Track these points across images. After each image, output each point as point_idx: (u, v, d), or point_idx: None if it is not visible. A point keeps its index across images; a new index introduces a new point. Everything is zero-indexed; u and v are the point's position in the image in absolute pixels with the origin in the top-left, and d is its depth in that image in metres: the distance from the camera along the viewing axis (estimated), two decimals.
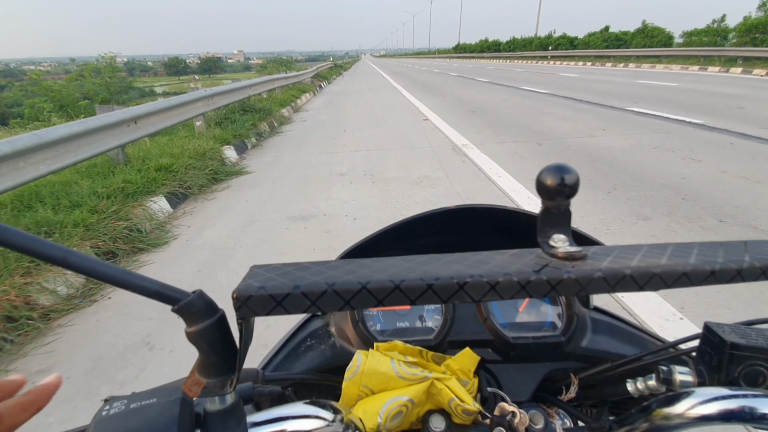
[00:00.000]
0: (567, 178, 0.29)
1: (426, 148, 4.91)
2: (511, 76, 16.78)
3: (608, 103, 7.69)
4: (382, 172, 4.04)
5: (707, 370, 0.31)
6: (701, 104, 7.17)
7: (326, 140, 5.68)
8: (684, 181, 3.41)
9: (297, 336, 0.52)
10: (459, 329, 0.51)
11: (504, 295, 0.26)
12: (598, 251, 0.30)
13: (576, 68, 21.98)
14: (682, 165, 3.80)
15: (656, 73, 15.58)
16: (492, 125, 6.15)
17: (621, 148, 4.47)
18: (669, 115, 6.12)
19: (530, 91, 10.59)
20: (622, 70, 18.16)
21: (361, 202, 3.31)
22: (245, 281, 0.26)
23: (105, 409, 0.25)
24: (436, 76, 18.78)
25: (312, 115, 8.36)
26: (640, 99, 8.08)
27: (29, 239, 0.21)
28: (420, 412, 0.40)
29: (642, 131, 5.25)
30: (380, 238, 0.54)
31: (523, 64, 30.98)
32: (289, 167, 4.45)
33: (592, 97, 8.73)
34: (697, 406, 0.28)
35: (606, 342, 0.50)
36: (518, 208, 0.54)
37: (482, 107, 8.03)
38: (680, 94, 8.71)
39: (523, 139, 5.16)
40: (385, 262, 0.29)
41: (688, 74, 14.41)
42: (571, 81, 13.16)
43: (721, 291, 1.89)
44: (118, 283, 0.23)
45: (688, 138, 4.81)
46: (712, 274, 0.27)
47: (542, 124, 6.02)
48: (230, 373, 0.26)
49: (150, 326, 1.88)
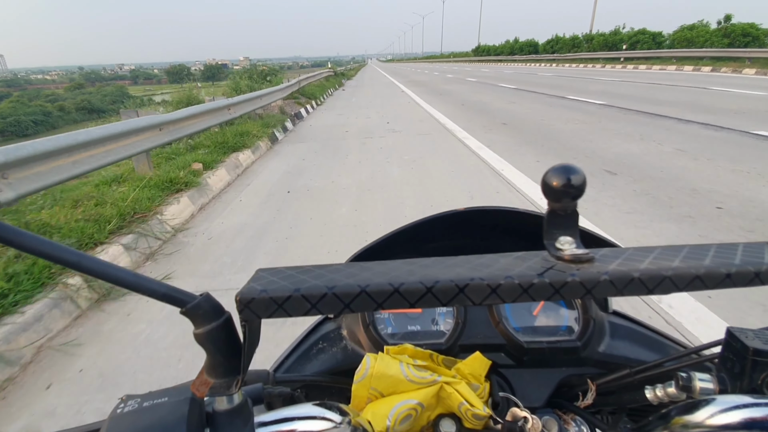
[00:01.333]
0: (573, 179, 0.28)
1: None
2: (646, 94, 9.97)
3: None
4: None
5: (729, 377, 0.31)
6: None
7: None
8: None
9: (309, 339, 0.52)
10: (471, 333, 0.50)
11: (506, 298, 0.26)
12: (607, 253, 0.29)
13: (679, 74, 15.87)
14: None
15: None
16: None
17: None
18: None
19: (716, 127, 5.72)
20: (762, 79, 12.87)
21: None
22: (249, 284, 0.26)
23: (120, 407, 0.26)
24: (492, 91, 12.67)
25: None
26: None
27: (45, 244, 0.22)
28: (430, 416, 0.40)
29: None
30: (390, 241, 0.53)
31: (572, 68, 25.58)
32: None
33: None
34: (717, 414, 0.27)
35: (625, 347, 0.48)
36: (527, 210, 0.53)
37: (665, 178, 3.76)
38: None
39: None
40: (388, 265, 0.29)
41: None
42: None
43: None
44: (128, 286, 0.24)
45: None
46: (728, 276, 0.26)
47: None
48: (236, 374, 0.27)
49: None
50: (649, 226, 2.74)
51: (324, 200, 3.57)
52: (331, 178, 4.21)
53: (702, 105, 7.65)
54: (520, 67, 31.70)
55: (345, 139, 6.28)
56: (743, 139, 4.96)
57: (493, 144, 5.31)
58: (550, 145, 5.16)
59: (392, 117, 8.35)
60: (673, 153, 4.48)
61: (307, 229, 2.99)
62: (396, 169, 4.43)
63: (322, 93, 13.82)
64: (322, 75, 19.30)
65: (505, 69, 29.96)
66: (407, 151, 5.24)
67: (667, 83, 12.53)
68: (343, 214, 3.23)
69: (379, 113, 9.04)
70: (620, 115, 7.15)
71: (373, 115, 8.75)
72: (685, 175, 3.71)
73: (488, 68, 33.02)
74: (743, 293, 1.89)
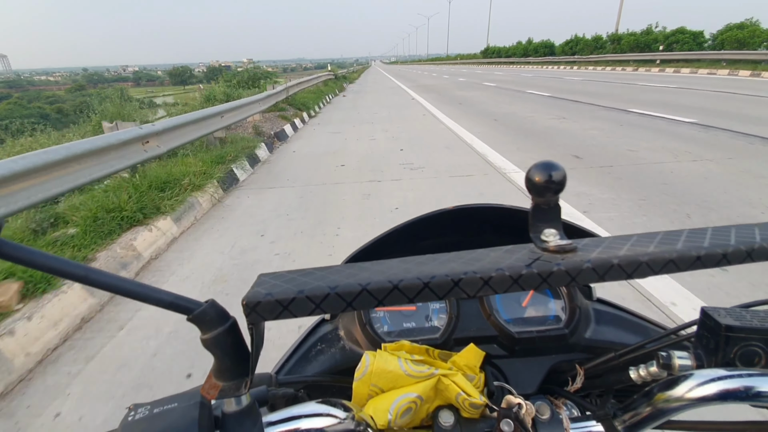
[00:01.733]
0: (554, 175, 0.30)
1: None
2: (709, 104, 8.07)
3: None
4: None
5: (705, 353, 0.32)
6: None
7: None
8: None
9: (307, 341, 0.52)
10: (464, 327, 0.51)
11: (497, 289, 0.28)
12: (589, 243, 0.31)
13: (744, 81, 13.28)
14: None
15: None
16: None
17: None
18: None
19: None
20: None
21: None
22: (253, 289, 0.27)
23: (131, 415, 0.27)
24: (522, 100, 10.13)
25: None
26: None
27: (52, 259, 0.23)
28: (429, 408, 0.41)
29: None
30: (384, 241, 0.54)
31: (598, 71, 22.81)
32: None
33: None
34: (695, 388, 0.29)
35: (609, 332, 0.50)
36: (513, 206, 0.54)
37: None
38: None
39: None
40: (385, 264, 0.30)
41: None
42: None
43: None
44: (135, 297, 0.25)
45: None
46: (698, 259, 0.28)
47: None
48: (244, 376, 0.28)
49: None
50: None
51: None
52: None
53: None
54: (538, 70, 28.40)
55: (338, 184, 3.97)
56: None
57: (598, 214, 2.92)
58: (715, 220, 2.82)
59: (406, 139, 5.91)
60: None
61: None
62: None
63: (317, 101, 11.22)
64: (320, 79, 16.24)
65: (521, 72, 26.62)
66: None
67: (747, 92, 9.69)
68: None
69: (387, 132, 6.59)
70: (751, 146, 4.65)
71: (379, 136, 6.27)
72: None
73: (501, 71, 29.60)
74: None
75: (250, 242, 2.79)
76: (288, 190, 3.90)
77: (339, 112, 9.95)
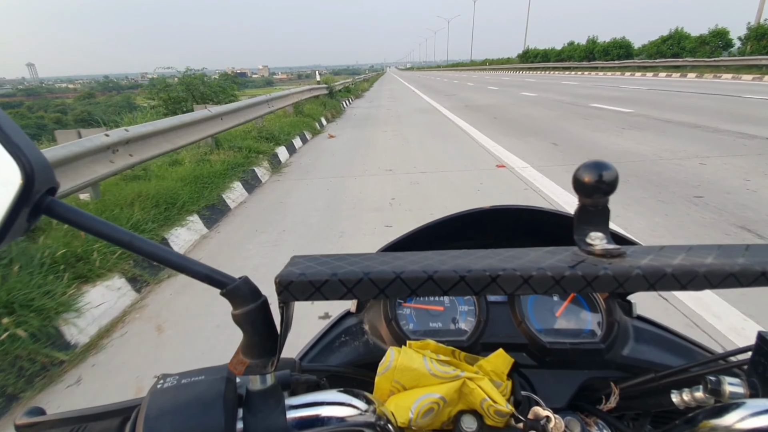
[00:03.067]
0: (605, 175, 0.28)
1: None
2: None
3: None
4: None
5: (761, 381, 0.30)
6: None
7: None
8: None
9: (332, 332, 0.52)
10: (492, 332, 0.49)
11: (537, 289, 0.26)
12: (638, 250, 0.29)
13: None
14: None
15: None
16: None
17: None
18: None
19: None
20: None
21: None
22: (287, 269, 0.27)
23: (159, 383, 0.28)
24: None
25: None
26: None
27: (101, 223, 0.25)
28: (452, 412, 0.40)
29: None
30: (414, 238, 0.53)
31: (708, 81, 16.65)
32: None
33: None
34: (748, 419, 0.27)
35: (649, 352, 0.47)
36: (555, 210, 0.52)
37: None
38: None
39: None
40: (420, 255, 0.29)
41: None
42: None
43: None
44: (173, 266, 0.26)
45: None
46: (763, 275, 0.26)
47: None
48: (271, 355, 0.28)
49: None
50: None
51: None
52: None
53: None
54: (611, 78, 21.99)
55: None
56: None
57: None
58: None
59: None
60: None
61: None
62: None
63: (268, 149, 5.55)
64: (290, 100, 8.35)
65: (586, 80, 20.37)
66: None
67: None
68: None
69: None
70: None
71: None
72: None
73: (555, 78, 23.14)
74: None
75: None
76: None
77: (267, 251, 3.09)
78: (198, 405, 0.26)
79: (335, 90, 13.75)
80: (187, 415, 0.26)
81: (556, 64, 39.00)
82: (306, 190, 4.22)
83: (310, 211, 3.56)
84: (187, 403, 0.26)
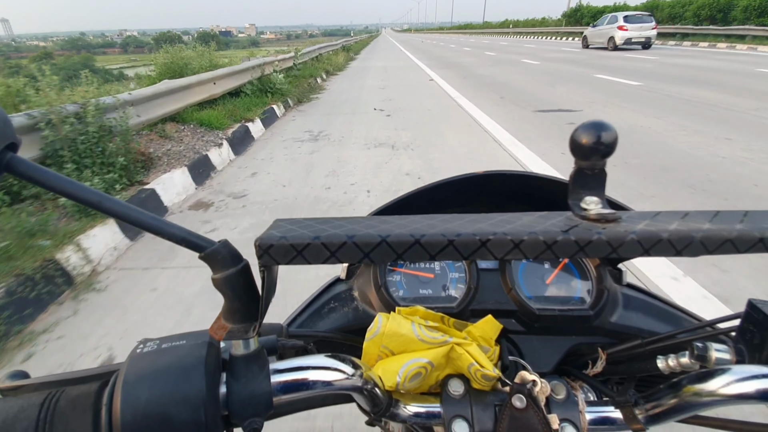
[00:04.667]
0: (604, 136, 0.28)
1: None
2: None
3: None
4: None
5: (747, 348, 0.30)
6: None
7: None
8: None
9: (321, 298, 0.51)
10: (482, 298, 0.49)
11: (529, 254, 0.26)
12: (633, 215, 0.29)
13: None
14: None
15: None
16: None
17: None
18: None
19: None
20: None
21: None
22: (268, 231, 0.27)
23: (139, 347, 0.27)
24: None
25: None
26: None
27: (66, 182, 0.23)
28: (439, 376, 0.40)
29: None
30: (405, 203, 0.52)
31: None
32: None
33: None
34: (733, 384, 0.27)
35: (637, 318, 0.47)
36: (549, 175, 0.50)
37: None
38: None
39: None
40: (408, 219, 0.29)
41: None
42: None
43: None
44: (147, 228, 0.25)
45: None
46: (761, 241, 0.26)
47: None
48: (253, 320, 0.28)
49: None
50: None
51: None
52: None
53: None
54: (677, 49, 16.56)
55: None
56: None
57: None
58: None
59: None
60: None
61: None
62: None
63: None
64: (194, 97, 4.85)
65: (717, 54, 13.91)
66: None
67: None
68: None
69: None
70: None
71: None
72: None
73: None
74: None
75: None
76: None
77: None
78: (178, 370, 0.26)
79: (298, 67, 10.16)
80: (167, 380, 0.25)
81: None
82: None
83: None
84: (167, 367, 0.26)
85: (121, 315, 2.00)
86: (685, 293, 1.91)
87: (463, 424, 0.36)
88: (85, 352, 1.78)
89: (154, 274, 2.31)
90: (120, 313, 2.01)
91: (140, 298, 2.12)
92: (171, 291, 2.15)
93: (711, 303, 1.84)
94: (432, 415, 0.38)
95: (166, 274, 2.31)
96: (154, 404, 0.25)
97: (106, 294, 2.17)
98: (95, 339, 1.85)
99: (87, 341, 1.84)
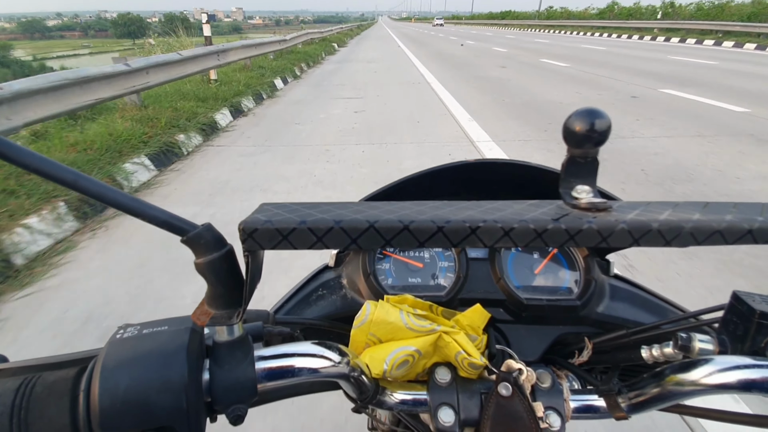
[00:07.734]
0: (597, 124, 0.28)
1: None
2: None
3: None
4: None
5: (730, 339, 0.31)
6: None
7: None
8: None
9: (309, 285, 0.51)
10: (471, 288, 0.49)
11: (518, 242, 0.26)
12: (624, 205, 0.29)
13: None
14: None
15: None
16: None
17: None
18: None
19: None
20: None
21: None
22: (253, 215, 0.26)
23: (119, 333, 0.27)
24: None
25: None
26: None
27: (43, 161, 0.22)
28: (426, 364, 0.40)
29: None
30: (396, 190, 0.52)
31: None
32: None
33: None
34: (715, 374, 0.28)
35: (624, 309, 0.48)
36: (543, 165, 0.51)
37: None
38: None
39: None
40: (397, 205, 0.28)
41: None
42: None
43: None
44: (127, 210, 0.24)
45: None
46: (750, 232, 0.26)
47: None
48: (237, 306, 0.27)
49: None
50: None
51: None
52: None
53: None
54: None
55: None
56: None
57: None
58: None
59: None
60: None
61: None
62: None
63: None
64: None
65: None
66: None
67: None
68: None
69: None
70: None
71: None
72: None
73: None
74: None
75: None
76: None
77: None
78: (159, 355, 0.25)
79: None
80: (147, 365, 0.25)
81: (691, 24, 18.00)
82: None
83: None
84: (148, 353, 0.25)
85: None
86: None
87: (449, 412, 0.37)
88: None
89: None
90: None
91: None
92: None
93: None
94: (418, 402, 0.38)
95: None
96: (133, 390, 0.24)
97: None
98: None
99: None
